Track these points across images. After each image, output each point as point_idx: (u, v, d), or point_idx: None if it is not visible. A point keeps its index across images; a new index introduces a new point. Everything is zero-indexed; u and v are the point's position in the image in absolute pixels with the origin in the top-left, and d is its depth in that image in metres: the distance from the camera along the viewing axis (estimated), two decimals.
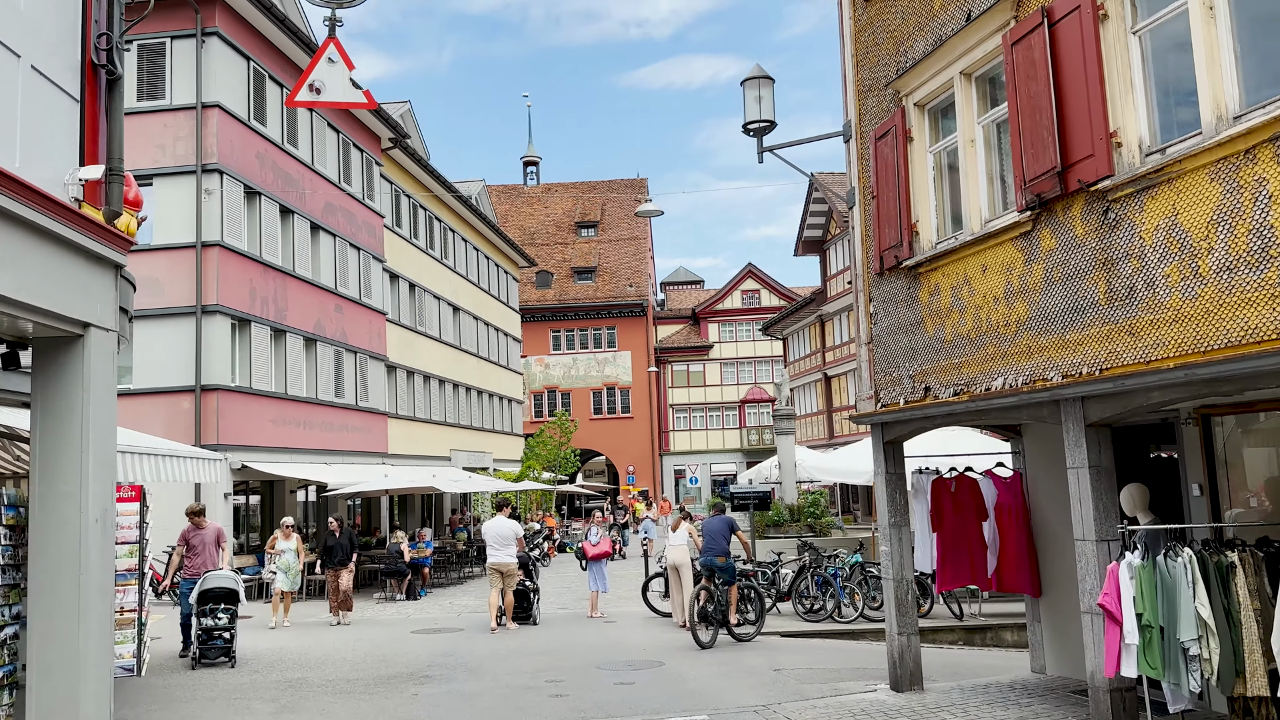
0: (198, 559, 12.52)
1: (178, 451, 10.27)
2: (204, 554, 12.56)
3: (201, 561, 12.48)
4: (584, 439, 46.74)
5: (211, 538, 12.70)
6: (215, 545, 12.66)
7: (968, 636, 14.94)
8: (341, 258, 26.04)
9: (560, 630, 15.03)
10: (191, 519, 12.83)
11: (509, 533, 15.33)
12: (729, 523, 14.11)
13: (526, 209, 58.05)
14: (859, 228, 9.55)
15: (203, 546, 12.57)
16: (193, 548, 12.60)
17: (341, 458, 25.25)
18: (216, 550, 12.63)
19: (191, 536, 12.62)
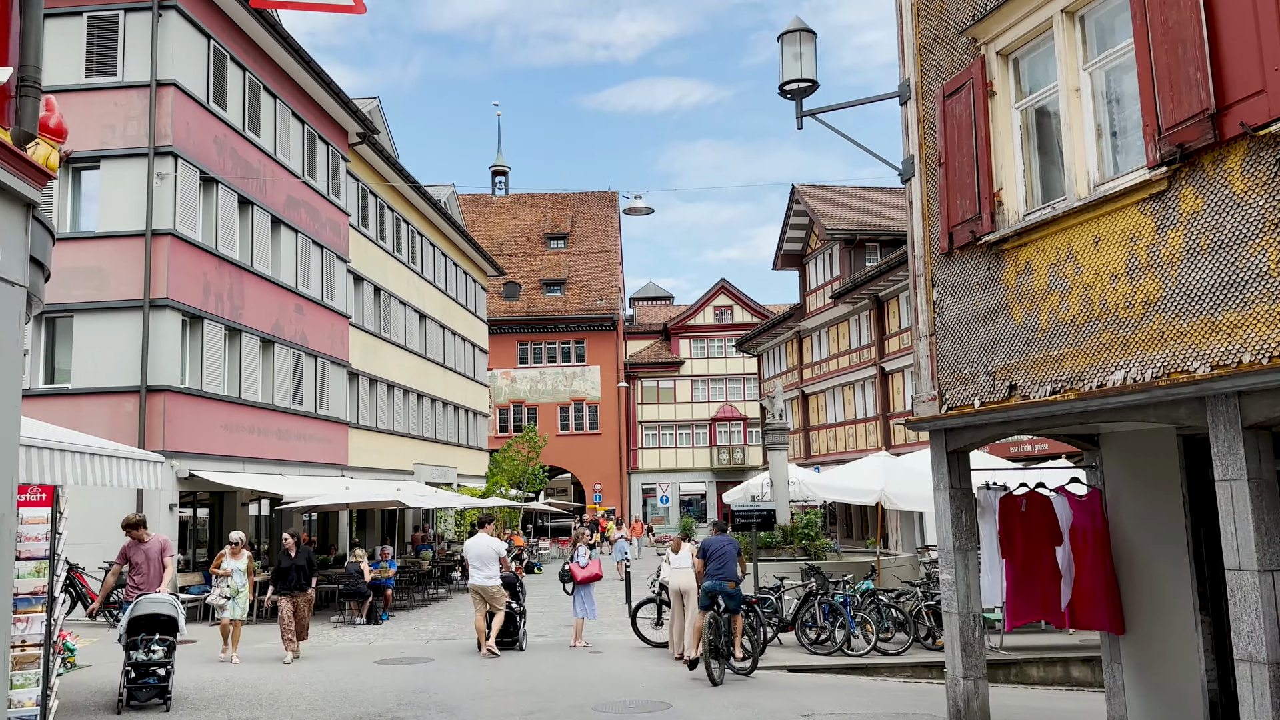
0: (141, 578, 10.66)
1: (110, 450, 8.68)
2: (149, 571, 10.68)
3: (147, 580, 10.59)
4: (550, 456, 45.14)
5: (156, 553, 10.76)
6: (160, 562, 10.80)
7: (991, 673, 13.60)
8: (303, 255, 24.41)
9: (544, 661, 13.52)
10: (130, 532, 10.86)
11: (491, 552, 14.14)
12: (737, 544, 12.73)
13: (495, 219, 56.57)
14: (919, 202, 8.26)
15: (147, 563, 10.72)
16: (135, 565, 10.71)
17: (298, 469, 23.53)
18: (162, 568, 10.77)
19: (133, 552, 10.74)
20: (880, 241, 34.35)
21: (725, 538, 12.79)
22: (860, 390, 34.30)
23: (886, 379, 32.36)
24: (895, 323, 31.68)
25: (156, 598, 10.06)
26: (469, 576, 14.44)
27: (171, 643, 9.90)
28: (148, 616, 9.87)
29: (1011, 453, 21.30)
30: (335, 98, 25.48)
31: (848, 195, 36.32)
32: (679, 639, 13.49)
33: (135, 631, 9.83)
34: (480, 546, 14.17)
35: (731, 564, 12.41)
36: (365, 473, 27.43)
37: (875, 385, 33.03)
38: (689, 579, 13.37)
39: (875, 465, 15.92)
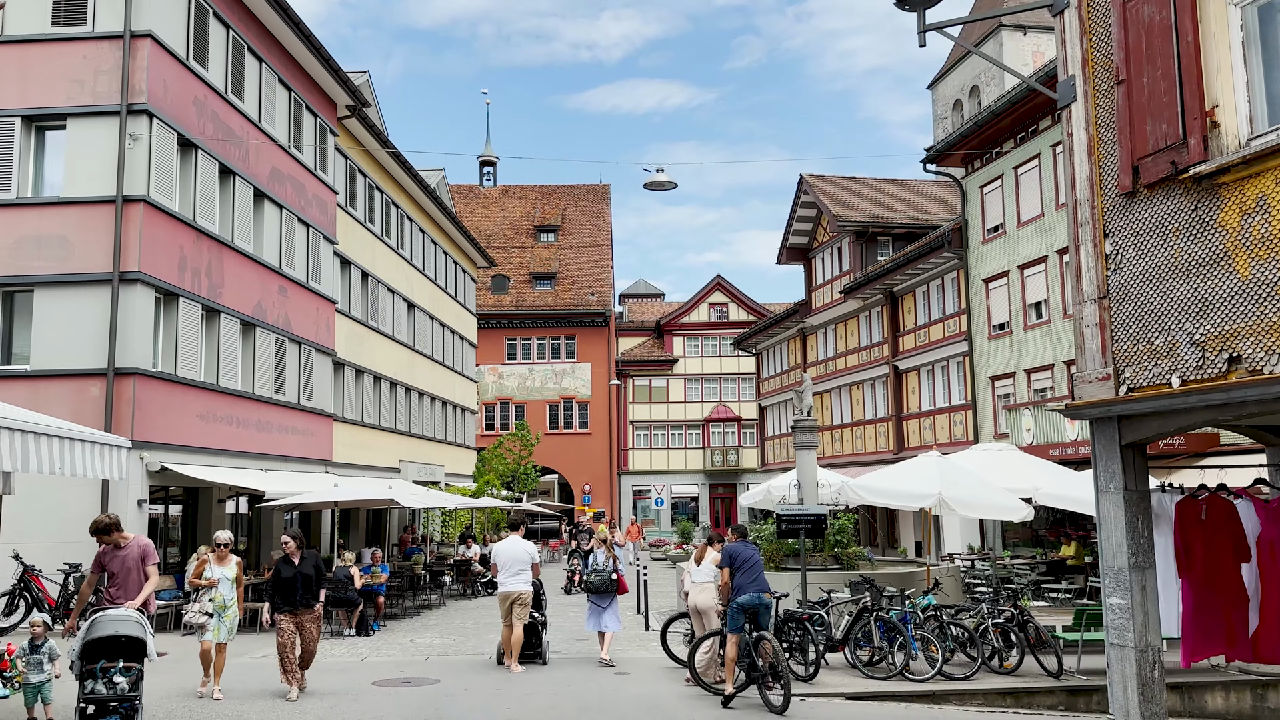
0: (119, 590, 8.63)
1: (62, 430, 6.95)
2: (128, 583, 8.65)
3: (126, 593, 8.59)
4: (538, 455, 43.25)
5: (136, 560, 8.72)
6: (141, 571, 8.76)
7: (1070, 700, 12.09)
8: (288, 233, 22.60)
9: (567, 683, 11.84)
10: (103, 539, 8.70)
11: (525, 556, 12.87)
12: (760, 553, 11.18)
13: (482, 210, 54.76)
14: (1083, 132, 6.68)
15: (125, 572, 8.67)
16: (112, 575, 8.69)
17: (279, 463, 21.71)
18: (144, 578, 8.75)
19: (109, 560, 8.71)
20: (893, 235, 32.91)
21: (751, 545, 11.22)
22: (870, 390, 32.82)
23: (900, 378, 30.89)
24: (911, 319, 30.22)
25: (118, 615, 8.05)
26: (495, 583, 13.07)
27: (139, 671, 7.98)
28: (108, 639, 7.89)
29: (1052, 455, 19.81)
30: (325, 65, 23.70)
31: (859, 186, 34.86)
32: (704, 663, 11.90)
33: (93, 657, 7.84)
34: (513, 550, 12.89)
35: (763, 575, 10.87)
36: (350, 469, 25.62)
37: (887, 385, 31.55)
38: (712, 596, 11.79)
39: (928, 466, 14.37)
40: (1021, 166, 24.33)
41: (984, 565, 20.46)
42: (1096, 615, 12.64)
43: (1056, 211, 22.80)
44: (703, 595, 11.97)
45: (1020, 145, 24.38)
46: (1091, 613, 12.57)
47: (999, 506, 14.12)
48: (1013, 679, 12.34)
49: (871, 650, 12.73)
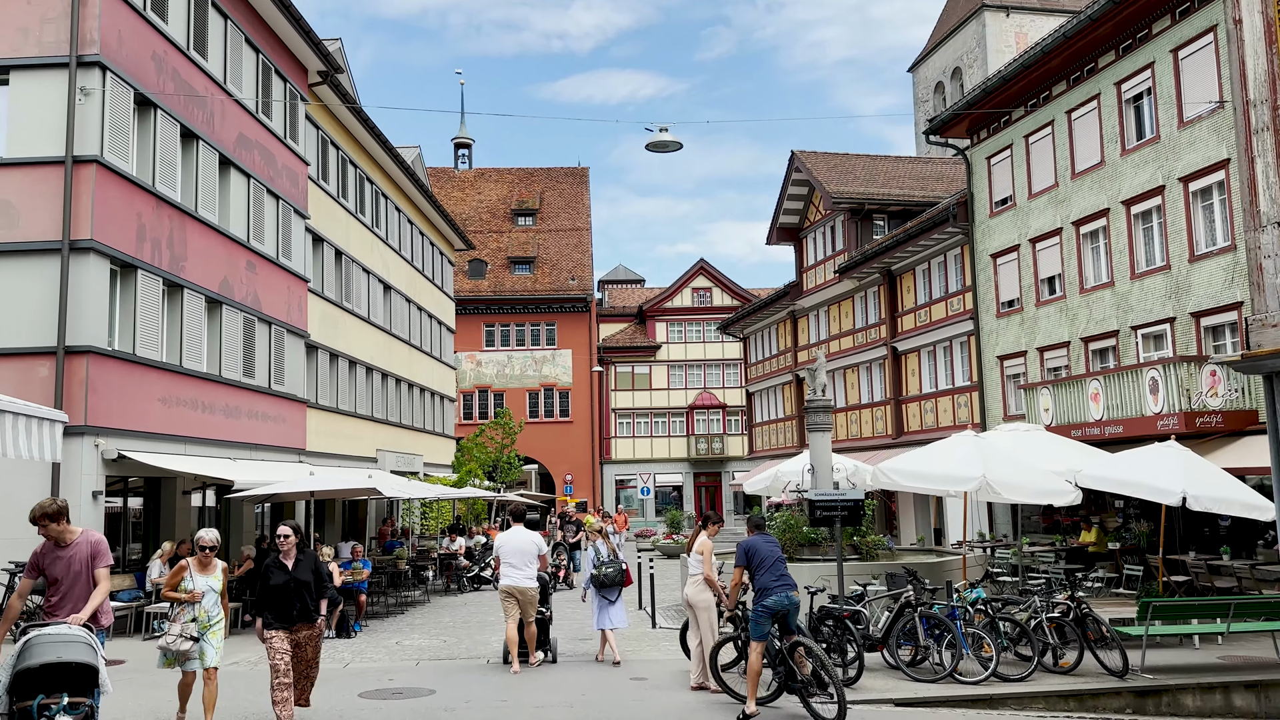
0: (60, 599, 6.93)
1: None
2: (74, 590, 6.95)
3: (67, 601, 6.90)
4: (518, 444, 41.77)
5: (84, 560, 7.00)
6: (89, 575, 7.00)
7: (1138, 703, 10.91)
8: (256, 204, 21.02)
9: (580, 688, 10.51)
10: (44, 528, 6.98)
11: (532, 547, 11.94)
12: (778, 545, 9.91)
13: (458, 193, 53.09)
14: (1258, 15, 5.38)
15: (71, 577, 6.96)
16: (54, 582, 6.98)
17: (250, 452, 20.19)
18: (92, 583, 6.99)
19: (48, 561, 7.00)
20: (889, 213, 31.71)
21: (771, 538, 9.95)
22: (866, 373, 31.65)
23: (899, 360, 29.74)
24: (910, 298, 29.06)
25: (61, 635, 6.26)
26: (500, 576, 12.05)
27: (89, 708, 6.19)
28: (48, 667, 6.05)
29: (1074, 436, 18.68)
30: (295, 25, 22.09)
31: (852, 163, 33.65)
32: (698, 662, 10.69)
33: (28, 691, 6.03)
34: (518, 541, 11.97)
35: (788, 571, 9.60)
36: (325, 459, 24.11)
37: (885, 367, 30.39)
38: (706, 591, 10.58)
39: (966, 447, 13.13)
40: (1033, 135, 23.16)
41: (1005, 553, 19.33)
42: (1163, 608, 11.47)
43: (1073, 180, 21.66)
44: (692, 588, 10.71)
45: (1031, 113, 23.22)
46: (1158, 605, 11.38)
47: (1045, 490, 12.93)
48: (1072, 679, 11.15)
49: (914, 649, 11.50)
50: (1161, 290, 19.18)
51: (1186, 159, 18.54)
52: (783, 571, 9.52)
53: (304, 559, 8.70)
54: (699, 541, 10.93)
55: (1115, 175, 20.43)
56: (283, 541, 8.70)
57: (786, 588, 9.44)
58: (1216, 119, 17.83)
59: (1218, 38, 17.76)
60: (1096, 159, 21.01)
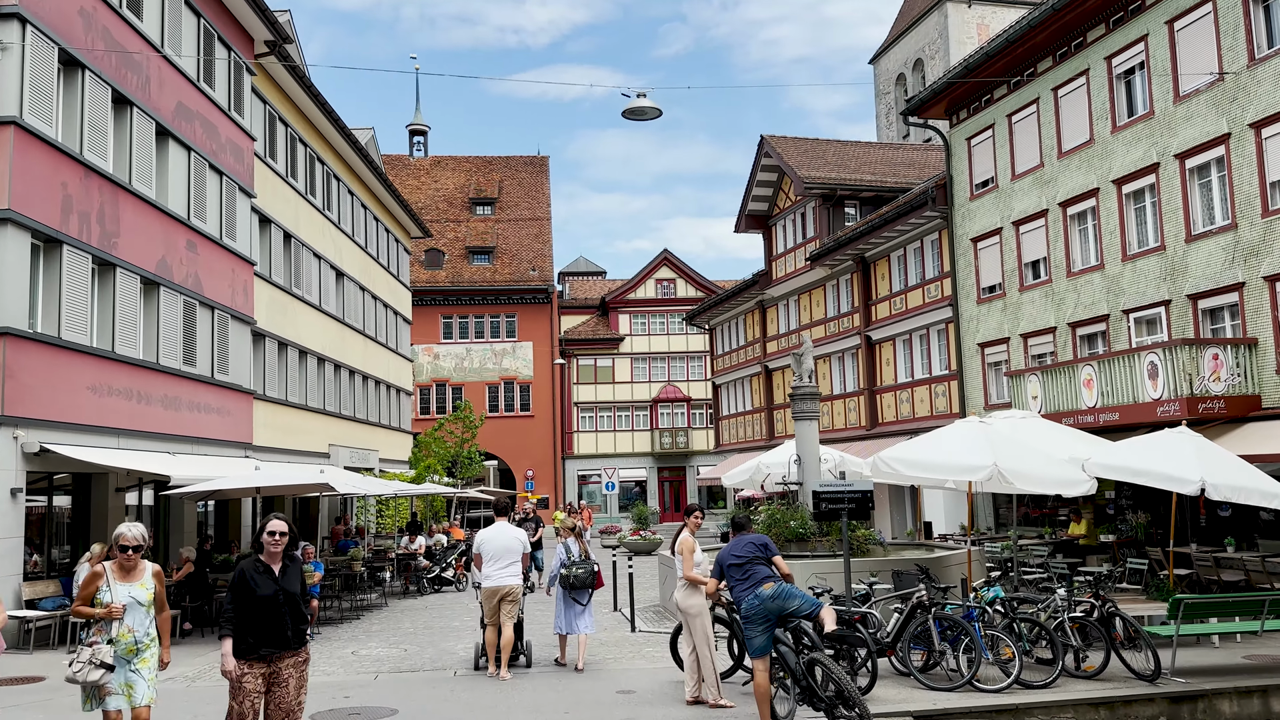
0: None
1: None
2: None
3: None
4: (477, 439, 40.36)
5: None
6: None
7: (1172, 710, 9.98)
8: (198, 180, 19.53)
9: (562, 706, 9.33)
10: None
11: (516, 545, 11.11)
12: (766, 544, 8.79)
13: (413, 181, 51.47)
14: None
15: None
16: None
17: (191, 446, 18.72)
18: None
19: None
20: (861, 199, 30.84)
21: (748, 538, 8.83)
22: (839, 363, 30.75)
23: (873, 349, 28.87)
24: (885, 285, 28.20)
25: None
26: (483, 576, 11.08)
27: None
28: None
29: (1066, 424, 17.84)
30: None
31: (823, 148, 32.73)
32: (692, 673, 9.60)
33: None
34: (503, 539, 11.06)
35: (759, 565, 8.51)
36: (274, 454, 22.66)
37: (858, 357, 29.52)
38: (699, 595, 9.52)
39: (973, 433, 12.14)
40: (1017, 114, 22.34)
41: (994, 547, 18.47)
42: (1197, 605, 10.55)
43: (1059, 160, 20.86)
44: (681, 593, 9.62)
45: (1015, 91, 22.39)
46: (1190, 602, 10.46)
47: (1060, 479, 11.99)
48: (1099, 685, 10.19)
49: (925, 654, 10.48)
50: (1155, 272, 18.42)
51: (1183, 135, 17.77)
52: (752, 571, 8.42)
53: (292, 565, 6.62)
54: (680, 539, 9.83)
55: (1105, 154, 19.64)
56: (272, 541, 6.51)
57: (753, 585, 8.34)
58: (1215, 92, 17.07)
59: (1217, 6, 17.01)
60: (1085, 137, 20.21)
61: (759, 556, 8.57)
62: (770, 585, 8.32)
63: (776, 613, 8.28)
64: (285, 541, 6.57)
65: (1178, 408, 16.00)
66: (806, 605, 8.28)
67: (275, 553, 6.53)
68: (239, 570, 6.51)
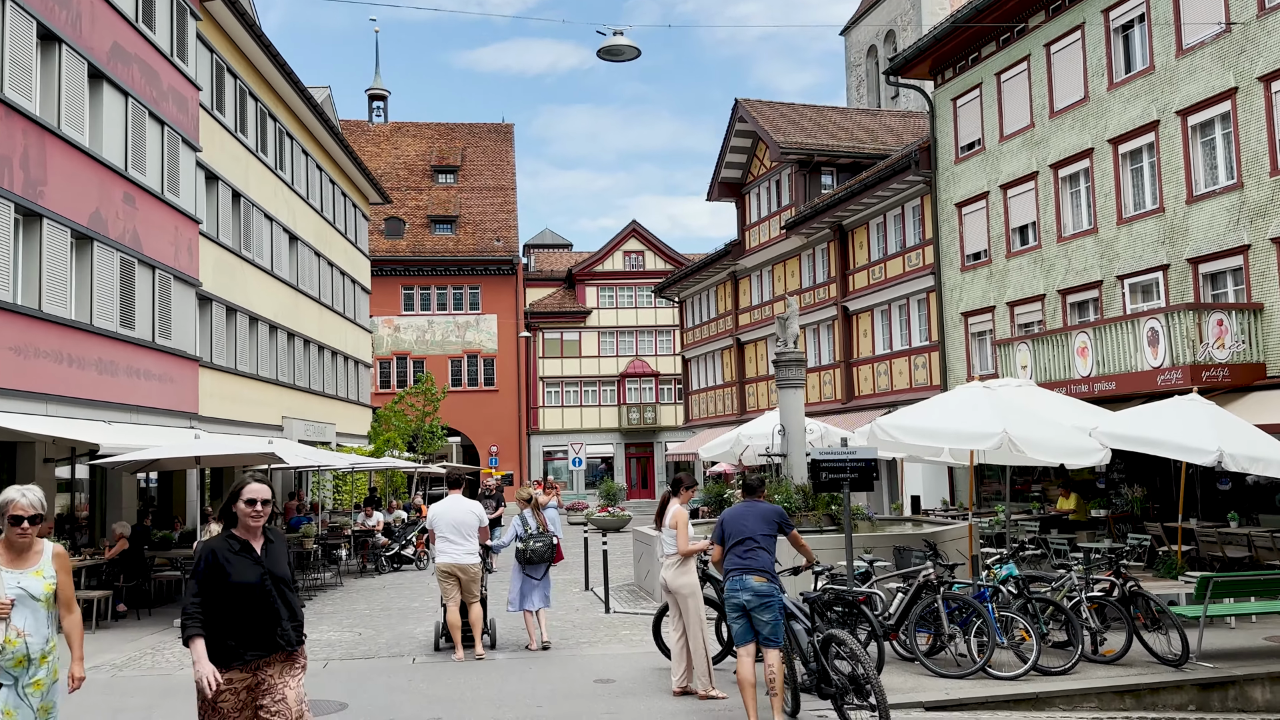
0: None
1: None
2: None
3: None
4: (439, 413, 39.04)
5: None
6: None
7: (1202, 697, 9.13)
8: (137, 128, 18.08)
9: (533, 696, 8.30)
10: None
11: (472, 519, 10.28)
12: (781, 517, 7.77)
13: (373, 148, 49.77)
14: None
15: None
16: None
17: (128, 414, 17.38)
18: None
19: None
20: (839, 165, 29.86)
21: (754, 504, 7.81)
22: (814, 335, 29.84)
23: (850, 320, 27.98)
24: (863, 254, 27.29)
25: None
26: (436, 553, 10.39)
27: None
28: None
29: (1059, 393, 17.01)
30: None
31: (799, 113, 31.69)
32: (680, 660, 8.61)
33: None
34: (457, 513, 10.23)
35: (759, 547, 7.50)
36: (222, 425, 21.32)
37: (834, 329, 28.62)
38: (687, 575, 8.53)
39: (980, 400, 11.20)
40: (1005, 72, 21.42)
41: (982, 523, 17.63)
42: (1229, 584, 9.70)
43: (1051, 120, 19.98)
44: (671, 572, 8.59)
45: (1004, 48, 21.46)
46: (1220, 581, 9.61)
47: (1073, 448, 11.09)
48: (1121, 671, 9.33)
49: (931, 637, 9.55)
50: (1153, 235, 17.61)
51: (1185, 90, 16.92)
52: (748, 549, 7.41)
53: (277, 543, 5.02)
54: (672, 511, 8.79)
55: (1101, 112, 18.78)
56: (252, 512, 4.82)
57: (743, 571, 7.34)
58: (1221, 44, 16.22)
59: None
60: (1079, 95, 19.33)
61: (767, 534, 7.55)
62: (762, 581, 7.29)
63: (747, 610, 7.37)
64: (268, 512, 4.94)
65: (1180, 376, 15.21)
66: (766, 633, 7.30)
67: (255, 527, 4.86)
68: (206, 552, 4.80)
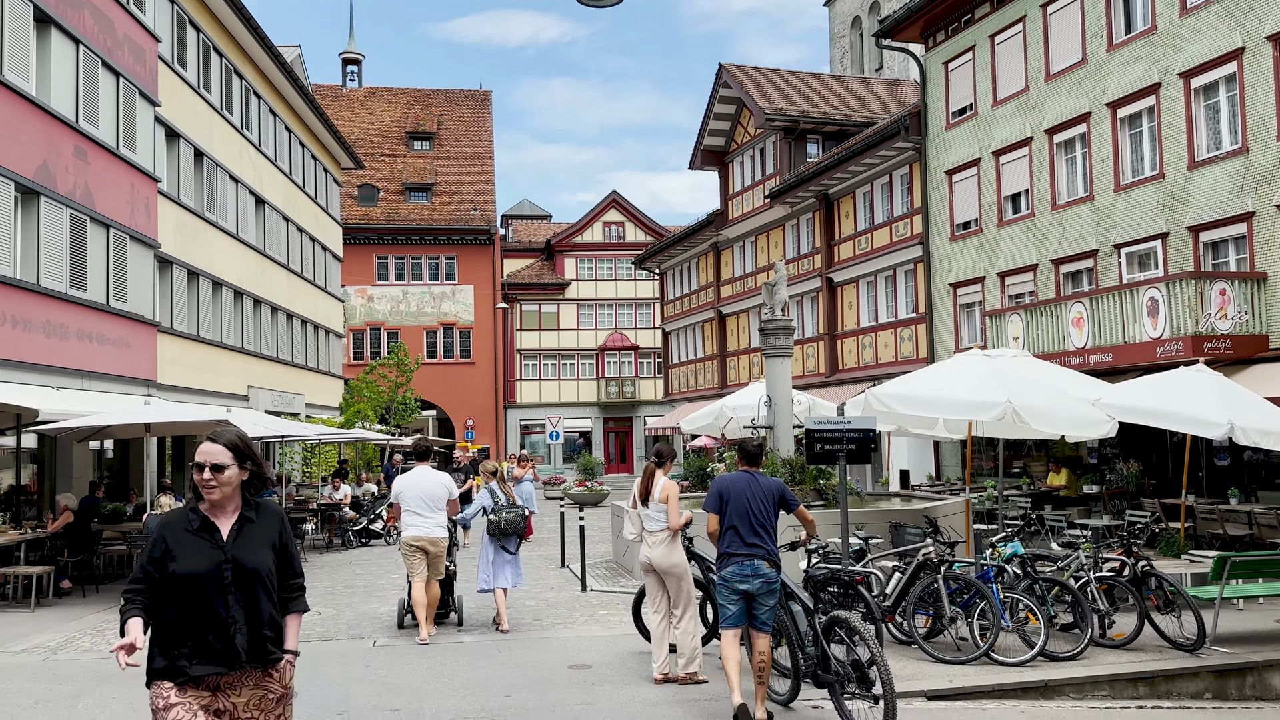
0: None
1: None
2: None
3: None
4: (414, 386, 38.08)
5: None
6: None
7: (1218, 684, 8.55)
8: (88, 77, 17.07)
9: (504, 683, 7.60)
10: None
11: (442, 491, 9.65)
12: (783, 493, 7.09)
13: (346, 113, 48.49)
14: None
15: None
16: None
17: (80, 380, 16.49)
18: None
19: None
20: (824, 134, 29.08)
21: (755, 475, 7.14)
22: (798, 307, 29.15)
23: (835, 292, 27.32)
24: (849, 224, 26.58)
25: None
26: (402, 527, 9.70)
27: None
28: None
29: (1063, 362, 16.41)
30: None
31: (785, 79, 30.85)
32: (661, 644, 7.93)
33: None
34: (426, 484, 9.62)
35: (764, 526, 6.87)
36: (183, 393, 20.44)
37: (819, 301, 27.95)
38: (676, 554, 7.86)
39: (981, 368, 10.55)
40: (1000, 34, 20.69)
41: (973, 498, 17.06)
42: (1247, 565, 9.10)
43: (1047, 83, 19.29)
44: (660, 550, 7.86)
45: (998, 9, 20.71)
46: (1238, 561, 9.01)
47: (1080, 419, 10.48)
48: (1132, 656, 8.73)
49: (930, 619, 8.91)
50: (1152, 203, 16.98)
51: (1189, 51, 16.25)
52: (755, 530, 6.75)
53: (258, 521, 3.77)
54: (661, 484, 8.07)
55: (1099, 74, 18.09)
56: (204, 481, 3.68)
57: (752, 555, 6.68)
58: (1228, 2, 15.54)
59: None
60: (1077, 57, 18.64)
61: (773, 513, 6.88)
62: (773, 568, 6.70)
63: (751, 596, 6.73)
64: (227, 480, 3.67)
65: (1181, 347, 14.64)
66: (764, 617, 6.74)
67: (217, 500, 3.68)
68: (158, 529, 3.73)
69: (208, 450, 3.68)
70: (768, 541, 6.78)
